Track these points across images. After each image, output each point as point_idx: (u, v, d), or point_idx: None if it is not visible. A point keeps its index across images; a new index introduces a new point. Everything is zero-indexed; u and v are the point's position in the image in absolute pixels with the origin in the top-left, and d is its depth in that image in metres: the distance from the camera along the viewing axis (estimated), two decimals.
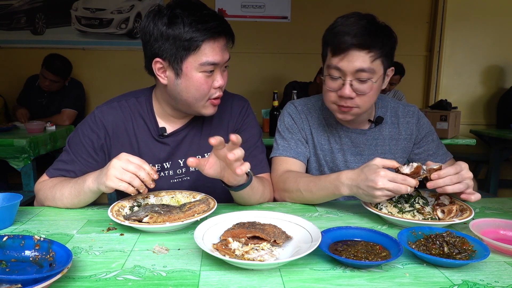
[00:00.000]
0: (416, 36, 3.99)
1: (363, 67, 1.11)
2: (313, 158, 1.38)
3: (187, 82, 1.08)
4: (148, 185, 0.98)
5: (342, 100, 1.17)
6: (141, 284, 0.69)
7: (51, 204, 1.14)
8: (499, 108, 3.82)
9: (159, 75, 1.11)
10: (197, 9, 1.05)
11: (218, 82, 1.10)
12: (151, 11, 1.07)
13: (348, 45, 1.10)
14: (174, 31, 1.03)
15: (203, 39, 1.03)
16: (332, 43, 1.15)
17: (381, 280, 0.71)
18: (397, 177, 0.94)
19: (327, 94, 1.21)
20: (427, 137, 1.38)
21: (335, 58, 1.14)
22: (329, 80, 1.18)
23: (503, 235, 0.91)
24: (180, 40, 1.03)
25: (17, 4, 3.71)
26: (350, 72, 1.12)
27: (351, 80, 1.13)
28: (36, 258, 0.73)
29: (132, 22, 3.79)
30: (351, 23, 1.13)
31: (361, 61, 1.11)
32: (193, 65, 1.06)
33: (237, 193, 1.08)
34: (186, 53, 1.04)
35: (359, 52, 1.11)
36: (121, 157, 0.98)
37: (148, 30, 1.06)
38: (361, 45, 1.10)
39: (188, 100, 1.11)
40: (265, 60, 3.98)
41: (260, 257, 0.76)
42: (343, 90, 1.14)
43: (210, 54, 1.06)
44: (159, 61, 1.08)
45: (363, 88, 1.15)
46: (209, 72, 1.08)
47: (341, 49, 1.12)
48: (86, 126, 1.20)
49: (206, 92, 1.10)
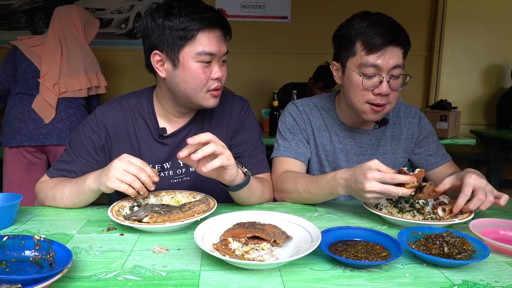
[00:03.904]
0: (416, 36, 3.99)
1: (398, 63, 1.13)
2: (315, 158, 1.37)
3: (184, 73, 1.09)
4: (149, 187, 0.99)
5: (378, 98, 1.16)
6: (141, 284, 0.69)
7: (52, 204, 1.14)
8: (499, 108, 3.82)
9: (157, 68, 1.12)
10: (193, 2, 1.09)
11: (216, 73, 1.11)
12: (149, 8, 1.11)
13: (386, 41, 1.10)
14: (170, 21, 1.06)
15: (198, 27, 1.06)
16: (365, 41, 1.13)
17: (381, 280, 0.71)
18: (385, 176, 0.91)
19: (361, 93, 1.17)
20: (428, 137, 1.38)
21: (371, 56, 1.12)
22: (364, 78, 1.15)
23: (503, 235, 0.91)
24: (176, 30, 1.05)
25: (17, 4, 3.71)
26: (387, 69, 1.12)
27: (389, 76, 1.13)
28: (36, 258, 0.73)
29: (132, 22, 3.79)
30: (376, 20, 1.13)
31: (397, 57, 1.12)
32: (189, 55, 1.08)
33: (236, 193, 1.08)
34: (182, 42, 1.07)
35: (395, 49, 1.12)
36: (122, 158, 0.98)
37: (146, 24, 1.10)
38: (397, 41, 1.12)
39: (186, 92, 1.12)
40: (265, 60, 3.98)
41: (260, 257, 0.76)
42: (382, 88, 1.13)
43: (206, 43, 1.07)
44: (157, 53, 1.10)
45: (396, 83, 1.16)
46: (206, 62, 1.09)
47: (378, 46, 1.11)
48: (87, 126, 1.20)
49: (203, 82, 1.10)
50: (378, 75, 1.13)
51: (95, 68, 2.49)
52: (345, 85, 1.23)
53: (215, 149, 0.91)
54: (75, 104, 2.40)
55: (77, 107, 2.41)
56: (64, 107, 2.36)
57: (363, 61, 1.13)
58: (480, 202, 0.96)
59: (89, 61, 2.46)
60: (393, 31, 1.12)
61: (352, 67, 1.17)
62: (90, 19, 2.52)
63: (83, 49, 2.44)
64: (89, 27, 2.51)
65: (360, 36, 1.13)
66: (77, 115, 2.41)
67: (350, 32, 1.16)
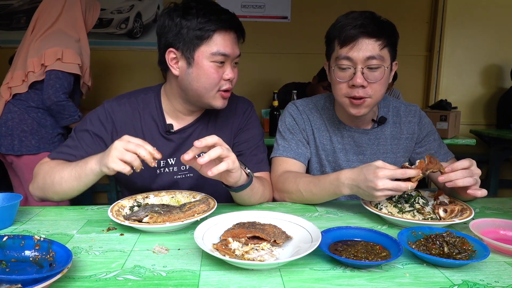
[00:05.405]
0: (416, 36, 3.99)
1: (373, 55, 1.12)
2: (315, 158, 1.38)
3: (198, 71, 1.12)
4: (149, 163, 0.96)
5: (355, 90, 1.16)
6: (141, 284, 0.69)
7: (49, 190, 1.10)
8: (499, 108, 3.82)
9: (171, 66, 1.15)
10: (211, 3, 1.13)
11: (228, 74, 1.14)
12: (166, 8, 1.15)
13: (357, 33, 1.11)
14: (188, 21, 1.09)
15: (215, 28, 1.09)
16: (339, 36, 1.15)
17: (381, 280, 0.71)
18: (396, 173, 0.94)
19: (338, 86, 1.19)
20: (429, 136, 1.38)
21: (344, 49, 1.14)
22: (339, 71, 1.17)
23: (503, 235, 0.91)
24: (193, 30, 1.09)
25: (17, 4, 3.71)
26: (360, 60, 1.13)
27: (362, 68, 1.14)
28: (36, 258, 0.73)
29: (132, 22, 3.79)
30: (356, 16, 1.15)
31: (371, 48, 1.12)
32: (204, 54, 1.11)
33: (237, 193, 1.08)
34: (198, 42, 1.10)
35: (368, 40, 1.12)
36: (122, 138, 0.97)
37: (163, 23, 1.13)
38: (369, 33, 1.12)
39: (198, 90, 1.14)
40: (265, 60, 3.97)
41: (260, 257, 0.76)
42: (355, 79, 1.14)
43: (221, 44, 1.11)
44: (173, 51, 1.13)
45: (375, 75, 1.15)
46: (220, 63, 1.12)
47: (349, 39, 1.12)
48: (95, 116, 1.22)
49: (216, 81, 1.13)
50: (352, 67, 1.15)
51: (43, 47, 2.06)
52: (331, 82, 1.26)
53: (221, 153, 0.91)
54: (17, 107, 2.10)
55: (18, 110, 2.10)
56: (6, 111, 2.11)
57: (337, 54, 1.16)
58: (462, 175, 0.96)
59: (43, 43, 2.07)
60: (368, 23, 1.12)
61: (332, 63, 1.21)
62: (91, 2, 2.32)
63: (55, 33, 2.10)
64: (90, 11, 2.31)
65: (337, 31, 1.16)
66: (15, 120, 2.08)
67: (332, 30, 1.20)
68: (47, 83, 2.03)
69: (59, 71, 2.03)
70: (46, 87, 2.03)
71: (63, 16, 2.18)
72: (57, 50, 2.03)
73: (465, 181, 0.96)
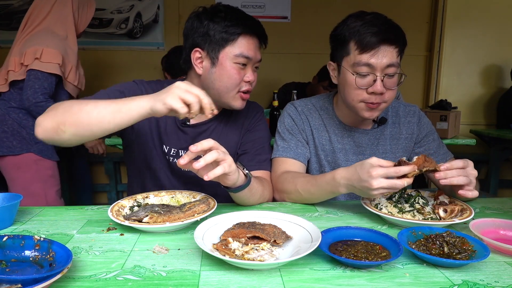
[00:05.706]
0: (416, 36, 3.98)
1: (392, 62, 1.13)
2: (314, 159, 1.38)
3: (221, 71, 1.18)
4: (207, 113, 0.92)
5: (373, 97, 1.16)
6: (141, 284, 0.69)
7: (70, 119, 0.96)
8: (499, 108, 3.82)
9: (196, 65, 1.21)
10: (238, 10, 1.21)
11: (249, 77, 1.21)
12: (195, 11, 1.22)
13: (379, 40, 1.11)
14: (216, 23, 1.16)
15: (240, 32, 1.16)
16: (358, 40, 1.13)
17: (381, 280, 0.71)
18: (389, 171, 0.93)
19: (355, 92, 1.18)
20: (428, 136, 1.38)
21: (364, 55, 1.13)
22: (358, 78, 1.16)
23: (503, 235, 0.91)
24: (220, 32, 1.16)
25: (17, 4, 3.71)
26: (380, 67, 1.13)
27: (383, 75, 1.13)
28: (36, 258, 0.73)
29: (132, 22, 3.79)
30: (371, 20, 1.13)
31: (390, 56, 1.12)
32: (228, 56, 1.17)
33: (236, 194, 1.08)
34: (224, 43, 1.17)
35: (388, 47, 1.12)
36: (184, 82, 0.93)
37: (192, 24, 1.20)
38: (391, 40, 1.11)
39: (220, 89, 1.20)
40: (265, 60, 3.93)
41: (260, 257, 0.76)
42: (375, 86, 1.14)
43: (245, 48, 1.18)
44: (198, 50, 1.19)
45: (391, 82, 1.16)
46: (242, 65, 1.19)
47: (371, 45, 1.11)
48: (122, 84, 1.24)
49: (237, 82, 1.19)
50: (372, 74, 1.14)
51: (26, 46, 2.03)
52: (341, 85, 1.24)
53: (217, 157, 0.91)
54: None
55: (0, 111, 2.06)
56: None
57: (357, 60, 1.14)
58: (457, 173, 0.96)
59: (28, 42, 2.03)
60: (387, 30, 1.12)
61: (347, 67, 1.18)
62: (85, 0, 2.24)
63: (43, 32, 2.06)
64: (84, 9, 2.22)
65: (354, 35, 1.14)
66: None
67: (345, 31, 1.17)
68: (26, 84, 1.98)
69: (39, 71, 1.98)
70: (25, 87, 1.98)
71: (52, 14, 2.14)
72: (36, 49, 1.98)
73: (460, 179, 0.96)
